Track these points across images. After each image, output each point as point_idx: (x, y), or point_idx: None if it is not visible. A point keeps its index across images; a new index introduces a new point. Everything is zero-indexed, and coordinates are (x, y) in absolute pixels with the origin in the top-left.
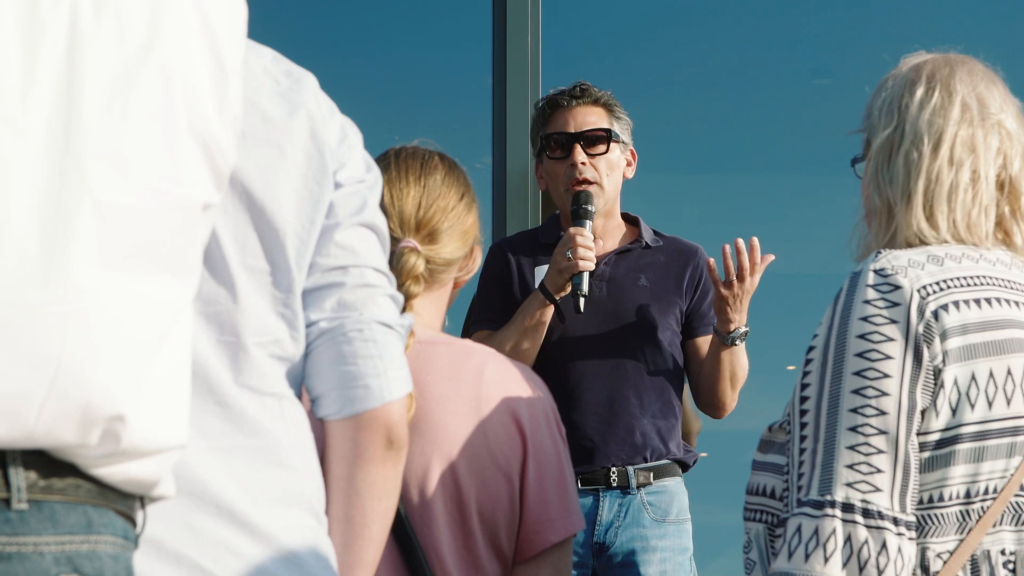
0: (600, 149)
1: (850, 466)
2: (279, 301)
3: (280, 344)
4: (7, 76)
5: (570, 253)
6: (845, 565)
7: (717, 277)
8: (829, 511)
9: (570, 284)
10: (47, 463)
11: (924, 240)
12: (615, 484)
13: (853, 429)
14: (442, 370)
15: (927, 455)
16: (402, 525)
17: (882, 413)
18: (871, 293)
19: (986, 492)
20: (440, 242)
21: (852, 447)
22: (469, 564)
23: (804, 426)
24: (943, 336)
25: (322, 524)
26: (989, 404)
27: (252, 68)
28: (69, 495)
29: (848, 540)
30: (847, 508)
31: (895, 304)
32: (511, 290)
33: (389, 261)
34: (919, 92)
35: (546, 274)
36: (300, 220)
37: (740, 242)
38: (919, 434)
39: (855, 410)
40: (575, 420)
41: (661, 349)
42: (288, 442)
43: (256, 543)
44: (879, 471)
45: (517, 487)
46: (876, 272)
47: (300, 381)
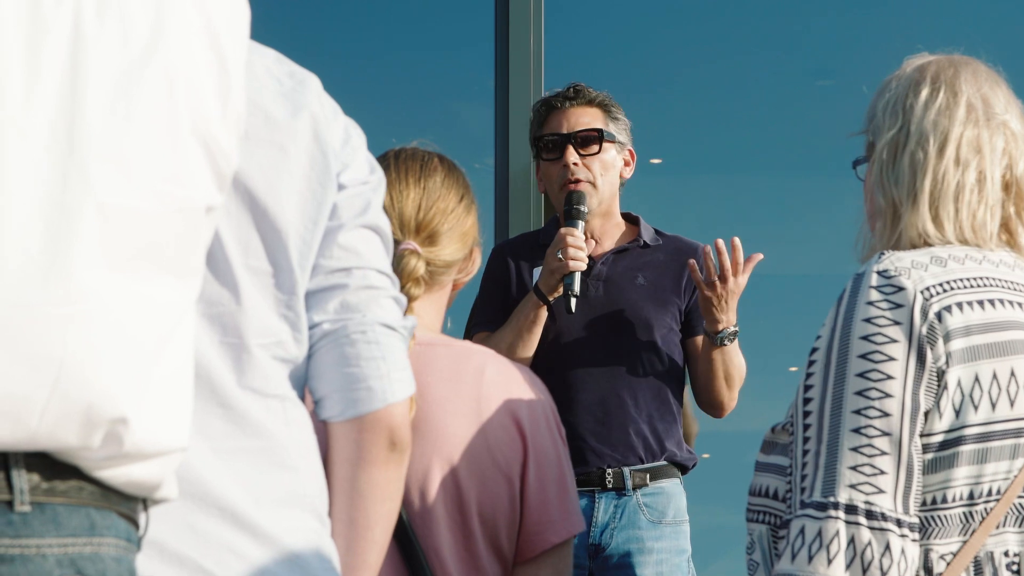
0: (593, 149)
1: (853, 468)
2: (282, 303)
3: (283, 346)
4: (10, 78)
5: (560, 254)
6: (848, 567)
7: (699, 278)
8: (832, 513)
9: (562, 284)
10: (50, 465)
11: (929, 241)
12: (610, 485)
13: (856, 431)
14: (442, 372)
15: (930, 457)
16: (403, 527)
17: (885, 415)
18: (874, 295)
19: (989, 493)
20: (440, 244)
21: (855, 448)
22: (470, 565)
23: (807, 427)
24: (946, 338)
25: (325, 526)
26: (992, 406)
27: (255, 69)
28: (72, 497)
29: (851, 542)
30: (850, 510)
31: (898, 305)
32: (510, 292)
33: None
34: (924, 92)
35: (540, 275)
36: (303, 221)
37: (720, 243)
38: (922, 435)
39: (858, 411)
40: (570, 421)
41: (658, 349)
42: (291, 444)
43: (259, 545)
44: (882, 473)
45: (517, 488)
46: (879, 273)
47: (303, 383)
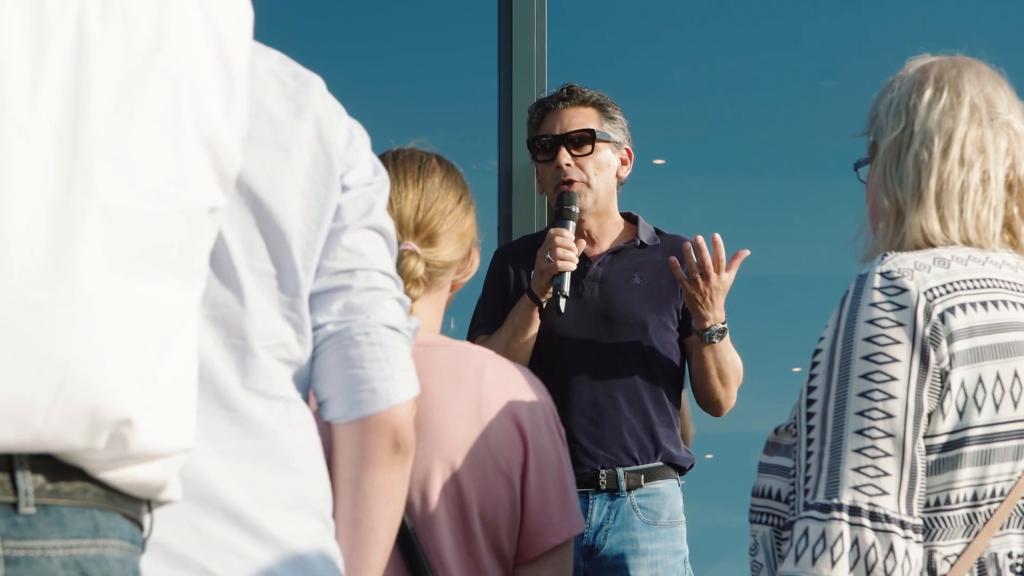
0: (585, 150)
1: (857, 469)
2: (285, 304)
3: (287, 347)
4: (14, 80)
5: (549, 255)
6: (852, 568)
7: (682, 275)
8: (836, 514)
9: (552, 285)
10: (54, 467)
11: (932, 242)
12: (604, 487)
13: (860, 432)
14: (442, 373)
15: (934, 458)
16: (404, 528)
17: (889, 416)
18: (877, 296)
19: (993, 495)
20: (439, 245)
21: (859, 450)
22: (471, 567)
23: (811, 429)
24: (950, 339)
25: (329, 528)
26: (996, 407)
27: (258, 70)
28: (76, 499)
29: (855, 543)
30: (854, 511)
31: (901, 307)
32: (510, 295)
33: None
34: (927, 93)
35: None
36: (306, 223)
37: (700, 239)
38: (926, 437)
39: (862, 413)
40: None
41: (654, 349)
42: (295, 446)
43: (263, 547)
44: (886, 474)
45: (518, 489)
46: (882, 275)
47: (307, 384)
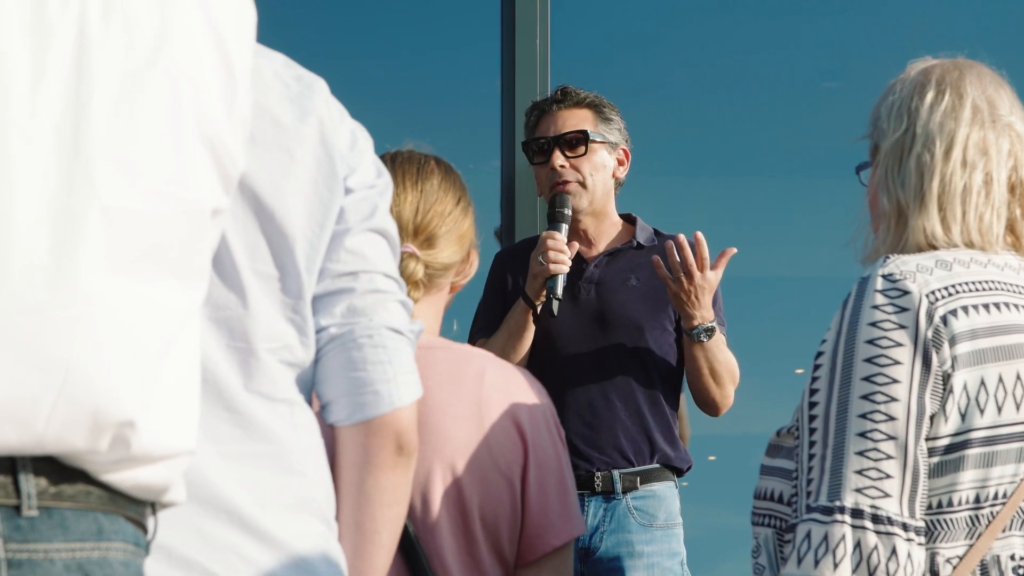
0: (579, 151)
1: (859, 472)
2: (288, 307)
3: (290, 350)
4: (15, 81)
5: (541, 257)
6: (855, 571)
7: (665, 274)
8: (838, 517)
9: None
10: (57, 469)
11: (935, 244)
12: (599, 489)
13: (862, 434)
14: (442, 375)
15: (936, 460)
16: (405, 531)
17: (891, 418)
18: (880, 298)
19: (996, 497)
20: (438, 247)
21: (861, 452)
22: (472, 569)
23: (813, 431)
24: (952, 341)
25: (332, 530)
26: (999, 409)
27: (262, 73)
28: (79, 502)
29: (857, 546)
30: (856, 514)
31: (904, 309)
32: (509, 299)
33: None
34: (929, 95)
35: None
36: (310, 225)
37: (682, 237)
38: (928, 439)
39: (864, 415)
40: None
41: (650, 350)
42: (298, 448)
43: (266, 549)
44: (888, 476)
45: (518, 491)
46: (884, 277)
47: (310, 387)
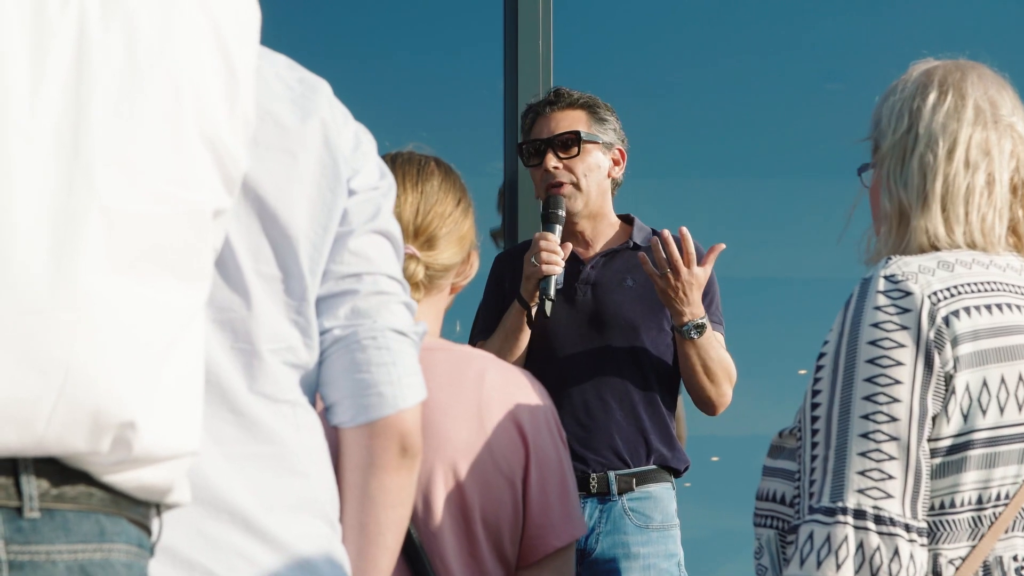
0: (572, 152)
1: (862, 472)
2: (292, 308)
3: (294, 351)
4: (15, 82)
5: (534, 259)
6: (857, 572)
7: (652, 270)
8: (841, 518)
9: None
10: (59, 471)
11: (937, 244)
12: (595, 490)
13: (864, 435)
14: (443, 377)
15: (938, 461)
16: (408, 532)
17: (893, 419)
18: (882, 299)
19: (998, 498)
20: (438, 248)
21: (863, 453)
22: (474, 570)
23: (815, 432)
24: (954, 342)
25: (336, 532)
26: (1001, 410)
27: (265, 75)
28: (81, 503)
29: (860, 547)
30: (859, 515)
31: (906, 310)
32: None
33: None
34: (931, 96)
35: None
36: (313, 227)
37: (666, 233)
38: (931, 440)
39: (866, 416)
40: None
41: (646, 351)
42: (302, 450)
43: (270, 550)
44: (891, 477)
45: (520, 492)
46: (886, 278)
47: (314, 389)
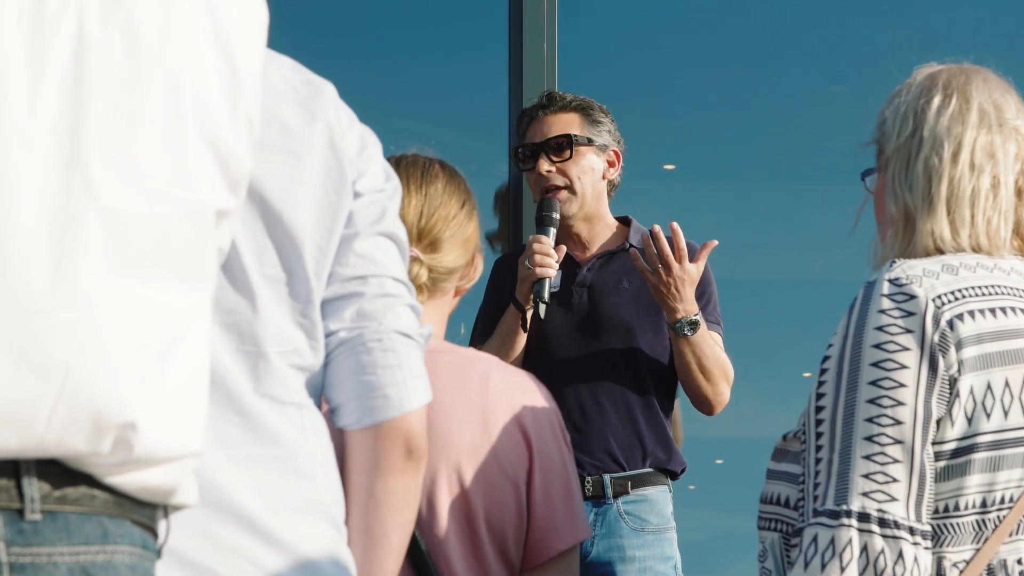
0: (565, 155)
1: (866, 475)
2: (297, 311)
3: (299, 353)
4: (13, 82)
5: (528, 261)
6: (861, 574)
7: (643, 266)
8: (845, 521)
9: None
10: (61, 473)
11: (942, 248)
12: (590, 493)
13: (869, 439)
14: (447, 379)
15: (943, 464)
16: (413, 535)
17: (898, 422)
18: (886, 303)
19: (1002, 501)
20: (442, 251)
21: (868, 456)
22: (479, 573)
23: (820, 436)
24: (958, 345)
25: (341, 534)
26: (1005, 413)
27: (271, 77)
28: (84, 505)
29: (864, 550)
30: (863, 518)
31: (910, 314)
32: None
33: None
34: (936, 99)
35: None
36: (319, 230)
37: (657, 228)
38: (935, 443)
39: (871, 419)
40: None
41: (642, 353)
42: (307, 452)
43: (275, 552)
44: (895, 480)
45: (524, 495)
46: (891, 282)
47: (319, 391)
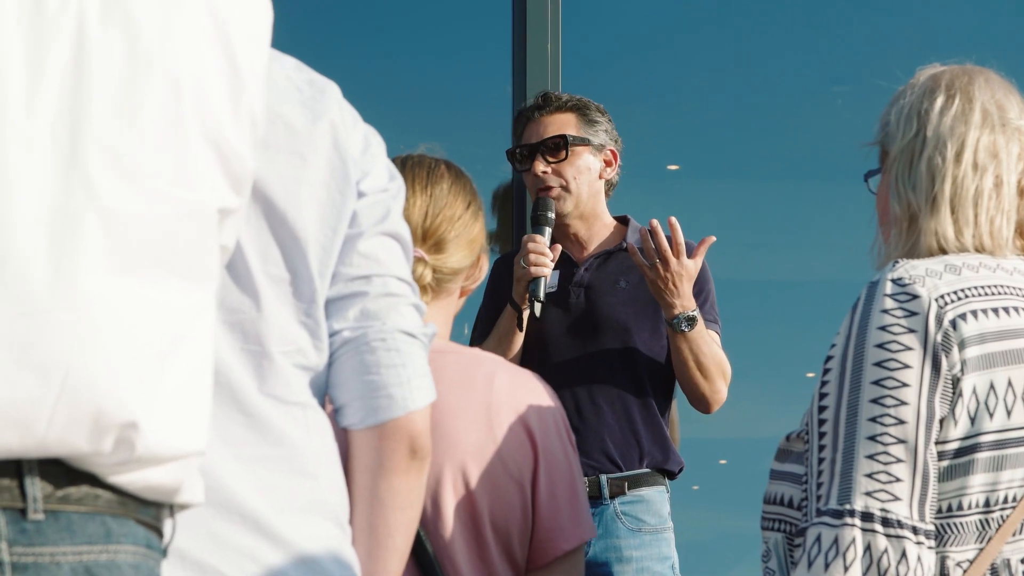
0: (560, 156)
1: (869, 475)
2: (301, 310)
3: (303, 353)
4: (12, 82)
5: (523, 261)
6: (865, 574)
7: (640, 260)
8: (848, 520)
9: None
10: (64, 473)
11: (945, 247)
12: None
13: (872, 438)
14: (452, 379)
15: (946, 464)
16: (417, 534)
17: (901, 422)
18: (889, 303)
19: (1006, 501)
20: (447, 251)
21: (871, 456)
22: (483, 573)
23: (823, 435)
24: (961, 345)
25: (346, 533)
26: (1008, 413)
27: (275, 77)
28: (86, 505)
29: (868, 549)
30: (866, 517)
31: (913, 313)
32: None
33: None
34: (939, 99)
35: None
36: (323, 229)
37: (654, 222)
38: (938, 443)
39: (874, 419)
40: None
41: (639, 352)
42: (311, 451)
43: (280, 552)
44: (898, 480)
45: (529, 495)
46: (894, 281)
47: (323, 390)
